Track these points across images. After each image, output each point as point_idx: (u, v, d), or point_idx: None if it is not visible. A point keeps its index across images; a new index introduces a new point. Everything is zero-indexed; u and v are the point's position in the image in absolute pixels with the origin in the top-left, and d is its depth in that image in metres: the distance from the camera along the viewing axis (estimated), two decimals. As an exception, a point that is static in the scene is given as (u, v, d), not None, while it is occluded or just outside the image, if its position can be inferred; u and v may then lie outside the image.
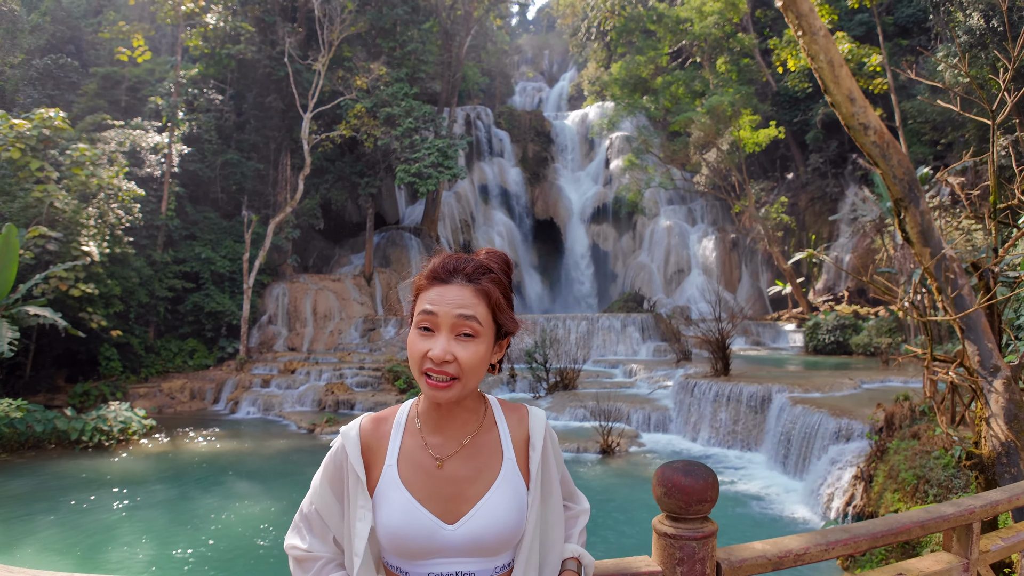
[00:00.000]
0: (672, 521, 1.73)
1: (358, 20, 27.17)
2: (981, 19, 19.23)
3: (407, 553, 1.41)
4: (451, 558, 1.40)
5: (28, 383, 18.47)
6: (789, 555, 1.84)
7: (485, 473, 1.47)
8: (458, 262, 1.47)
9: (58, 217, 18.14)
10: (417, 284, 1.50)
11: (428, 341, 1.41)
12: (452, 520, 1.41)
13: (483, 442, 1.52)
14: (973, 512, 2.04)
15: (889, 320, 21.65)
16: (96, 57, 30.10)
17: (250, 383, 21.06)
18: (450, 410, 1.49)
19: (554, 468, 1.58)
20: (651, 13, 35.29)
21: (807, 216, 31.65)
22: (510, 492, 1.46)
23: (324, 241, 33.12)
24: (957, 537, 2.10)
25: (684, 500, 1.68)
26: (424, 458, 1.48)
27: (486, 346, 1.44)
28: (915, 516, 1.99)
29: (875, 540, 1.91)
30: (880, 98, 27.53)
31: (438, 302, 1.42)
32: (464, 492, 1.44)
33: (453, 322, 1.40)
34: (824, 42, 4.77)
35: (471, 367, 1.41)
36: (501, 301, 1.46)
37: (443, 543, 1.40)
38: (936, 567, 2.02)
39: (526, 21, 73.10)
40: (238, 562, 8.79)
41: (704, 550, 1.68)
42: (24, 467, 13.52)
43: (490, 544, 1.41)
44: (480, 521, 1.41)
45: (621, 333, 24.65)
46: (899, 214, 4.98)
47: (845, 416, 11.38)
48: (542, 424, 1.56)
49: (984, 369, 4.97)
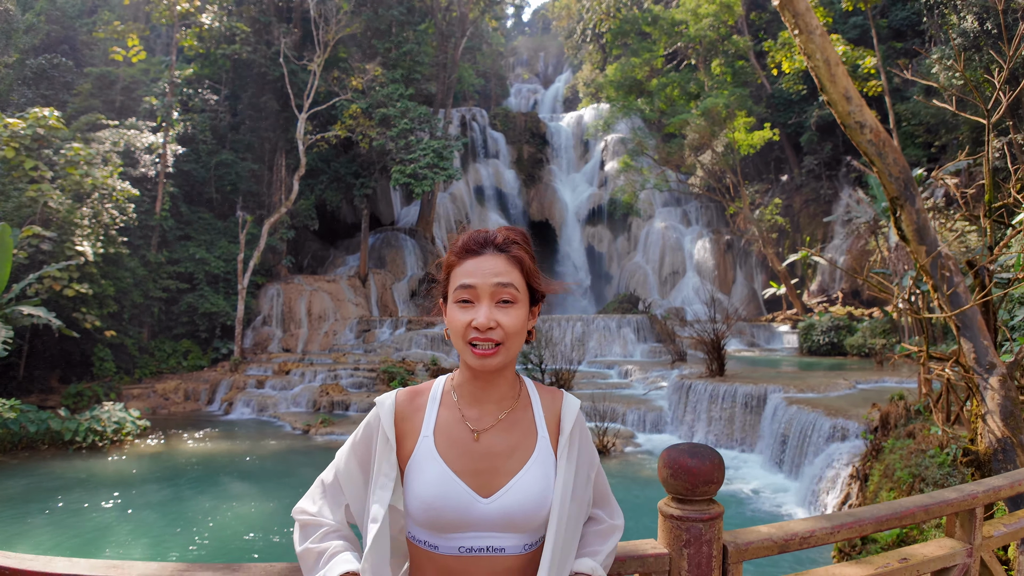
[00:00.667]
0: (678, 503, 1.72)
1: (354, 21, 27.16)
2: (975, 21, 19.32)
3: (439, 526, 1.41)
4: (483, 532, 1.41)
5: (21, 383, 18.38)
6: (795, 538, 1.84)
7: (520, 449, 1.48)
8: (487, 235, 1.52)
9: (52, 217, 18.07)
10: (448, 262, 1.54)
11: (470, 312, 1.44)
12: (487, 494, 1.42)
13: (519, 418, 1.53)
14: (976, 497, 2.05)
15: (883, 321, 21.72)
16: (91, 57, 29.99)
17: (244, 384, 20.99)
18: (489, 382, 1.51)
19: (587, 457, 1.57)
20: (646, 15, 35.39)
21: (801, 218, 31.75)
22: (544, 470, 1.47)
23: (319, 242, 33.06)
24: (960, 523, 2.11)
25: (690, 481, 1.67)
26: (461, 430, 1.49)
27: (525, 311, 1.48)
28: (919, 500, 1.99)
29: (880, 524, 1.91)
30: (874, 101, 27.64)
31: (475, 273, 1.46)
32: (499, 466, 1.45)
33: (492, 291, 1.44)
34: (820, 40, 4.78)
35: (514, 331, 1.45)
36: (532, 267, 1.51)
37: (477, 516, 1.41)
38: (940, 552, 2.03)
39: (521, 23, 73.19)
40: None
41: (711, 532, 1.68)
42: (17, 467, 13.45)
43: (522, 519, 1.42)
44: (515, 496, 1.42)
45: (616, 334, 24.65)
46: (895, 212, 4.99)
47: (840, 416, 11.40)
48: (574, 410, 1.57)
49: (980, 366, 4.98)
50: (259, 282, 26.10)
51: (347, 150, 29.66)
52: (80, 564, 1.63)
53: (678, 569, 1.70)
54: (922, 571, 1.99)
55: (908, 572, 1.96)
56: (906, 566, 1.95)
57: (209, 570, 1.67)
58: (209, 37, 26.89)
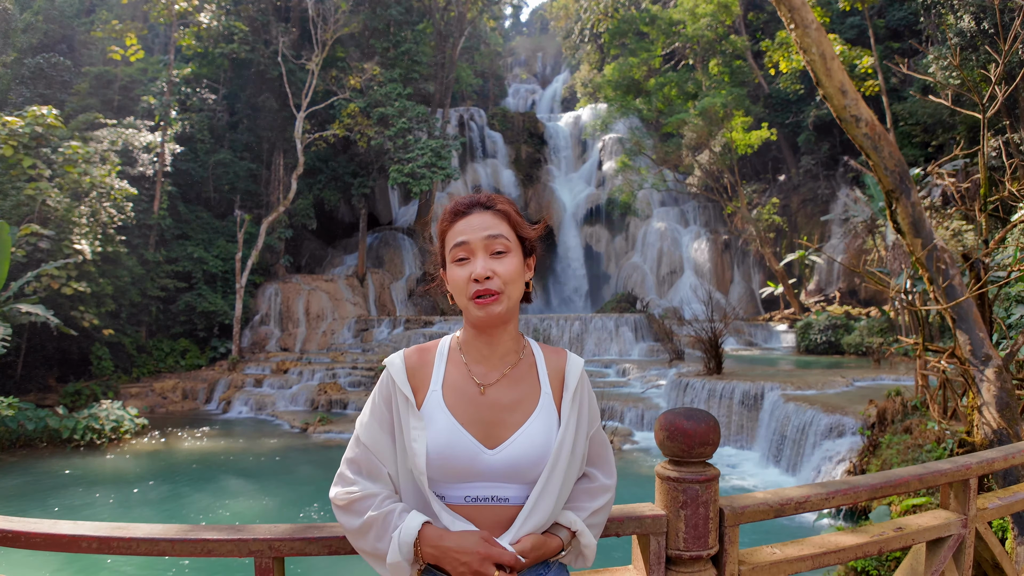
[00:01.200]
0: (675, 465, 1.76)
1: (352, 20, 27.17)
2: (972, 21, 19.39)
3: (448, 475, 1.48)
4: (489, 482, 1.48)
5: (19, 382, 18.37)
6: (790, 503, 1.88)
7: (524, 403, 1.55)
8: (473, 197, 1.60)
9: (50, 215, 18.07)
10: (440, 228, 1.62)
11: (468, 267, 1.53)
12: (492, 445, 1.49)
13: (523, 374, 1.59)
14: (970, 468, 2.08)
15: (880, 320, 21.77)
16: (89, 56, 29.97)
17: (243, 383, 21.00)
18: (494, 337, 1.58)
19: (587, 416, 1.62)
20: (644, 15, 35.41)
21: (799, 218, 31.80)
22: (547, 423, 1.53)
23: (317, 241, 33.05)
24: (955, 494, 2.14)
25: (687, 443, 1.71)
26: (468, 384, 1.56)
27: (519, 259, 1.57)
28: (913, 471, 2.02)
29: (874, 491, 1.95)
30: (871, 100, 27.69)
31: (466, 231, 1.54)
32: (504, 419, 1.52)
33: (485, 243, 1.53)
34: (816, 35, 4.82)
35: (510, 278, 1.53)
36: (518, 219, 1.60)
37: (483, 466, 1.47)
38: (935, 522, 2.06)
39: (519, 23, 73.25)
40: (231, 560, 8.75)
41: (707, 493, 1.72)
42: (16, 465, 13.45)
43: (526, 469, 1.48)
44: (519, 447, 1.49)
45: (614, 333, 24.68)
46: (891, 205, 5.02)
47: (837, 412, 11.45)
48: (578, 369, 1.64)
49: (976, 358, 5.02)
50: (257, 281, 26.10)
51: (345, 149, 29.66)
52: (84, 526, 1.69)
53: (676, 530, 1.73)
54: (917, 540, 2.03)
55: (903, 540, 1.99)
56: (901, 535, 1.99)
57: (213, 531, 1.71)
58: (207, 36, 26.88)
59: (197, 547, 1.68)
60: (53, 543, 1.67)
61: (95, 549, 1.66)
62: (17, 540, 1.69)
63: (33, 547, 1.67)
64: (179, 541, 1.68)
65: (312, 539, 1.70)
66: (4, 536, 1.69)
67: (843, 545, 1.96)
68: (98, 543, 1.66)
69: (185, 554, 1.68)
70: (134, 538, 1.67)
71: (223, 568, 8.30)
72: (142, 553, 1.68)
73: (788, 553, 1.91)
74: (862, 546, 1.96)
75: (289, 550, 1.69)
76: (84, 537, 1.67)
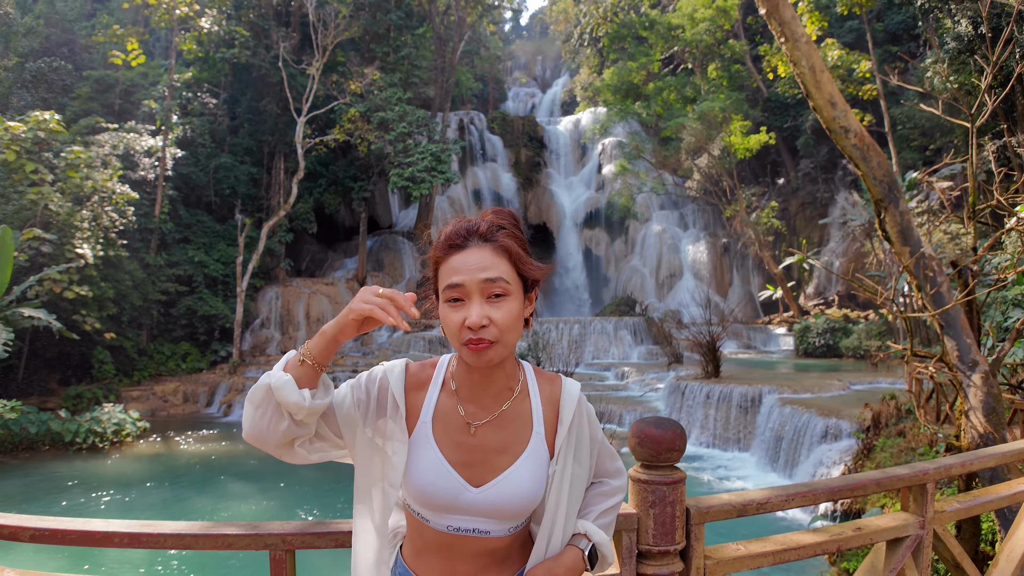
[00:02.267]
0: (645, 469, 1.90)
1: (352, 25, 27.31)
2: (969, 25, 19.47)
3: (430, 506, 1.47)
4: (470, 516, 1.46)
5: (21, 385, 18.47)
6: (752, 504, 2.01)
7: (513, 445, 1.51)
8: (470, 224, 1.46)
9: (52, 219, 18.19)
10: (434, 257, 1.50)
11: (461, 311, 1.41)
12: (477, 484, 1.46)
13: (516, 413, 1.54)
14: (927, 473, 2.20)
15: (879, 323, 21.85)
16: (90, 60, 30.10)
17: (243, 386, 21.08)
18: (487, 376, 1.51)
19: (587, 442, 1.59)
20: (643, 20, 35.56)
21: (798, 221, 31.91)
22: (534, 465, 1.50)
23: (317, 245, 33.17)
24: (913, 497, 2.25)
25: (655, 449, 1.84)
26: (457, 422, 1.52)
27: (518, 302, 1.45)
28: (871, 475, 2.15)
29: (832, 494, 2.07)
30: (870, 104, 27.82)
31: (461, 270, 1.41)
32: (491, 461, 1.49)
33: (481, 287, 1.40)
34: (806, 48, 4.92)
35: (507, 326, 1.41)
36: (521, 254, 1.47)
37: (465, 503, 1.45)
38: (893, 523, 2.18)
39: (519, 27, 73.44)
40: (231, 562, 8.86)
41: (674, 494, 1.85)
42: (18, 468, 13.55)
43: (507, 511, 1.47)
44: (502, 490, 1.46)
45: (613, 336, 24.78)
46: (879, 214, 5.12)
47: (833, 416, 11.54)
48: (574, 400, 1.58)
49: (963, 364, 5.11)
50: (257, 285, 26.21)
51: (345, 153, 29.79)
52: (115, 523, 1.85)
53: (646, 527, 1.88)
54: (875, 540, 2.16)
55: (861, 540, 2.12)
56: (859, 534, 2.11)
57: (233, 527, 1.87)
58: (208, 41, 27.01)
59: (219, 541, 1.84)
60: (88, 539, 1.83)
61: (126, 544, 1.83)
62: (54, 537, 1.84)
63: (69, 543, 1.82)
64: (202, 536, 1.84)
65: (320, 533, 1.85)
66: (42, 534, 1.84)
67: (803, 543, 2.09)
68: (129, 538, 1.82)
69: (208, 547, 1.84)
70: (162, 533, 1.84)
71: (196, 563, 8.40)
72: (169, 547, 1.84)
73: (752, 549, 2.05)
74: (821, 544, 2.10)
75: (300, 543, 1.85)
76: (116, 533, 1.82)
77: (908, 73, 27.10)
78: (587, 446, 1.59)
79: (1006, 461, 2.58)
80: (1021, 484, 2.60)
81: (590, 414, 1.62)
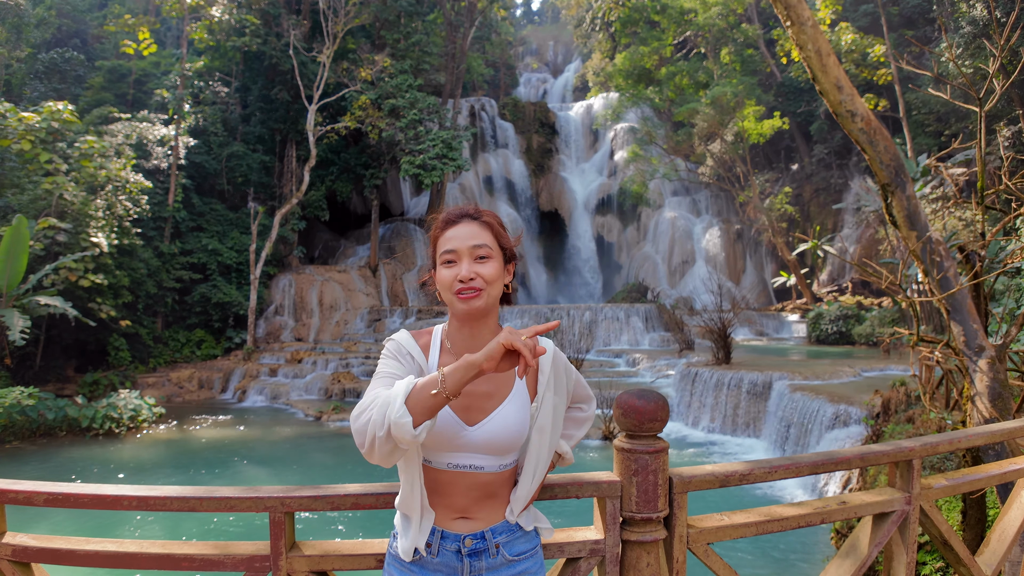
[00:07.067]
0: (628, 438, 2.00)
1: (362, 12, 27.27)
2: (984, 9, 19.23)
3: (432, 445, 1.72)
4: (467, 452, 1.73)
5: (38, 372, 18.73)
6: (735, 475, 2.09)
7: (500, 390, 1.78)
8: (462, 208, 1.84)
9: (67, 209, 18.37)
10: (433, 235, 1.85)
11: (454, 269, 1.75)
12: (471, 423, 1.73)
13: None
14: (912, 450, 2.24)
15: (892, 310, 21.72)
16: (102, 51, 30.30)
17: (257, 372, 21.30)
18: (475, 329, 1.80)
19: (563, 377, 1.89)
20: (655, 4, 35.26)
21: (811, 207, 31.69)
22: (519, 406, 1.78)
23: (329, 232, 33.33)
24: (900, 473, 2.30)
25: (638, 419, 1.95)
26: None
27: (499, 264, 1.79)
28: (855, 451, 2.19)
29: (815, 467, 2.12)
30: (885, 89, 27.54)
31: (455, 239, 1.77)
32: (483, 404, 1.76)
33: (470, 250, 1.75)
34: (812, 32, 4.89)
35: (491, 278, 1.75)
36: (501, 231, 1.83)
37: (463, 441, 1.72)
38: (878, 498, 2.22)
39: (531, 12, 73.08)
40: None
41: (656, 463, 1.95)
42: (36, 453, 13.78)
43: (499, 445, 1.74)
44: (495, 426, 1.73)
45: (625, 323, 24.77)
46: (886, 199, 5.11)
47: (843, 402, 11.53)
48: (549, 354, 1.86)
49: (970, 349, 5.10)
50: (271, 272, 26.39)
51: (357, 141, 29.85)
52: (125, 488, 2.03)
53: (629, 495, 1.98)
54: (859, 514, 2.20)
55: (845, 513, 2.17)
56: (844, 508, 2.15)
57: (234, 490, 2.03)
58: (219, 30, 27.08)
59: (221, 504, 2.00)
60: (99, 502, 2.00)
61: (135, 507, 1.99)
62: (67, 501, 2.02)
63: (81, 507, 2.02)
64: (206, 499, 2.00)
65: (317, 496, 2.00)
66: (55, 498, 2.02)
67: (785, 515, 2.16)
68: (137, 501, 1.99)
69: (211, 509, 2.01)
70: (168, 496, 2.00)
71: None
72: (175, 509, 1.99)
73: (735, 520, 2.12)
74: (804, 516, 2.16)
75: (298, 506, 1.99)
76: (126, 496, 1.99)
77: (923, 57, 26.77)
78: (564, 381, 1.89)
79: (993, 440, 2.61)
80: (1012, 463, 2.63)
81: (566, 364, 1.93)
